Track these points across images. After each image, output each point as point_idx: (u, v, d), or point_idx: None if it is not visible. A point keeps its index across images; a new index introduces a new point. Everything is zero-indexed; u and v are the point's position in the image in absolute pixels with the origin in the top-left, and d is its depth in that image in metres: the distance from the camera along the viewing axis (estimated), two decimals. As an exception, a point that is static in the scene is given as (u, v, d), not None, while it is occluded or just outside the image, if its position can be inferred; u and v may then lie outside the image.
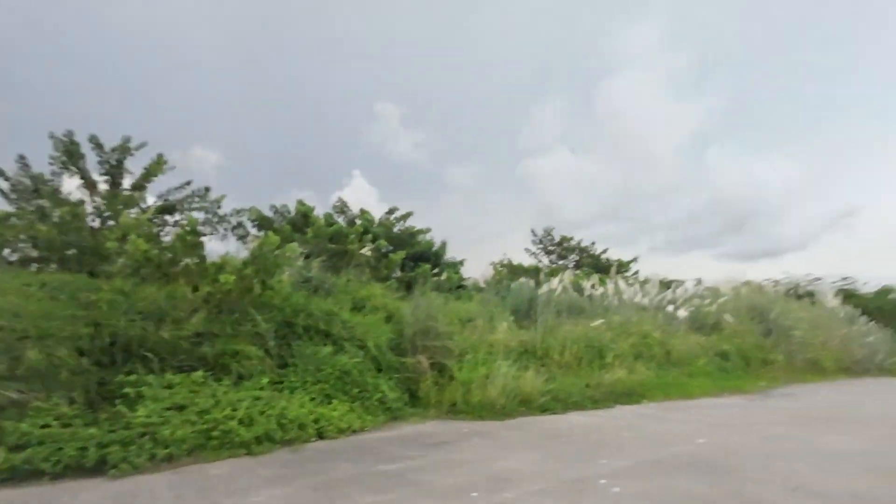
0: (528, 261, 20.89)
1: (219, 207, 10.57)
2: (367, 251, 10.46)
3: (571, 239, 21.35)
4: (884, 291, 23.26)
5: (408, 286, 11.69)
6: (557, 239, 21.50)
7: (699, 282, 18.29)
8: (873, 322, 19.07)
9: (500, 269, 19.00)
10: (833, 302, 18.73)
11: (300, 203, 13.10)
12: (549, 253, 21.62)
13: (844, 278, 22.97)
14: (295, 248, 7.43)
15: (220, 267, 6.69)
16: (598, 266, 19.54)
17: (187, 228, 8.12)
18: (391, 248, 14.02)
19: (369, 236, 12.54)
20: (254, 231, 11.88)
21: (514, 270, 18.31)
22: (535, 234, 21.89)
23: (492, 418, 7.26)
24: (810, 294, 19.77)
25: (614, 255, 21.39)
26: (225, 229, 11.10)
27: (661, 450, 5.47)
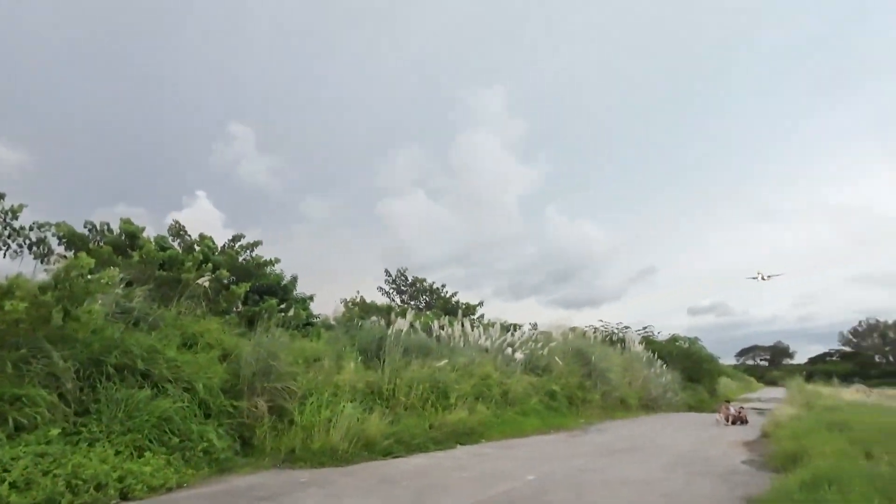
0: (381, 300, 20.93)
1: (14, 218, 8.81)
2: (204, 281, 9.49)
3: (424, 280, 21.99)
4: (673, 339, 28.02)
5: (250, 322, 10.83)
6: (410, 280, 21.98)
7: (535, 326, 20.09)
8: (666, 365, 22.76)
9: (352, 307, 18.70)
10: (637, 347, 21.96)
11: (125, 222, 11.49)
12: (401, 293, 21.94)
13: (645, 327, 27.25)
14: (114, 273, 6.43)
15: (7, 291, 5.49)
16: (447, 308, 20.34)
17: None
18: (234, 279, 12.95)
19: (209, 265, 11.43)
20: (60, 250, 10.03)
21: (366, 309, 18.14)
22: (388, 274, 22.12)
23: (332, 465, 6.93)
24: (622, 340, 22.95)
25: (462, 298, 22.54)
26: (20, 245, 9.23)
27: (489, 489, 5.72)
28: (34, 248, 9.46)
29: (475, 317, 20.70)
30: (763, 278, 53.60)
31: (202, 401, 6.62)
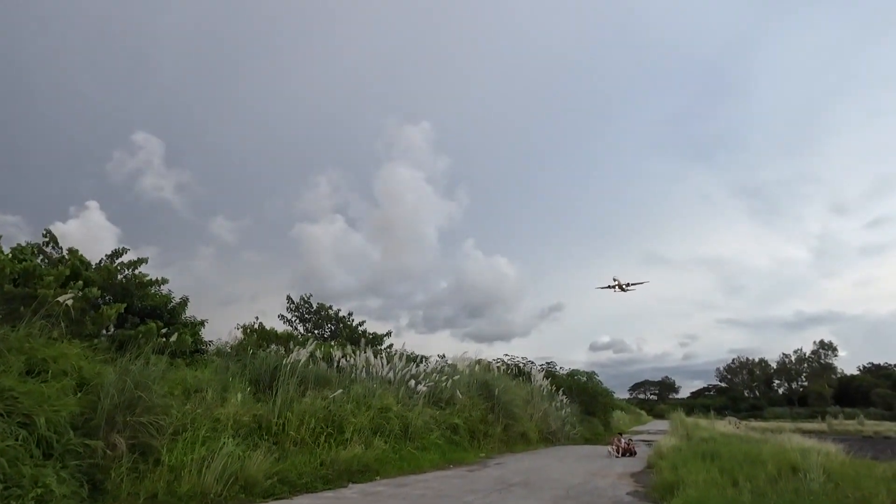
0: (282, 327, 19.79)
1: None
2: (66, 299, 8.30)
3: (329, 308, 21.18)
4: (573, 373, 29.26)
5: (121, 347, 9.63)
6: (315, 307, 21.06)
7: (443, 358, 19.99)
8: (565, 398, 23.57)
9: (250, 333, 17.47)
10: (540, 381, 22.56)
11: (-24, 227, 9.91)
12: (304, 321, 20.92)
13: (549, 361, 28.22)
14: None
15: None
16: (353, 337, 19.67)
17: None
18: (109, 298, 11.57)
19: (79, 282, 10.10)
20: None
21: (265, 336, 17.02)
22: (290, 301, 21.04)
23: (200, 511, 6.17)
24: (526, 374, 23.48)
25: (372, 328, 21.98)
26: None
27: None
28: None
29: (382, 347, 20.19)
30: (622, 288, 58.77)
31: (43, 438, 5.63)
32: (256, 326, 17.57)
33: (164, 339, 10.94)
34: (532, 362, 25.30)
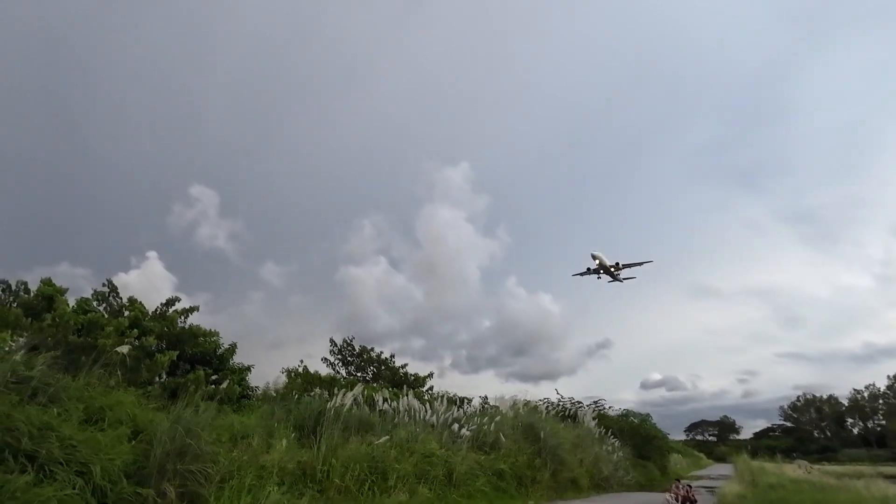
0: (326, 371, 19.95)
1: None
2: (123, 348, 8.69)
3: (372, 350, 21.24)
4: (625, 415, 27.82)
5: (174, 394, 9.94)
6: (357, 349, 21.18)
7: (486, 400, 19.53)
8: (617, 441, 22.40)
9: (295, 378, 17.69)
10: (590, 423, 21.60)
11: (45, 283, 10.63)
12: (347, 364, 21.02)
13: (597, 401, 27.00)
14: (4, 336, 5.76)
15: None
16: (396, 380, 19.58)
17: None
18: (162, 346, 12.03)
19: (135, 332, 10.59)
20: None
21: (310, 381, 17.20)
22: (333, 344, 21.26)
23: (246, 562, 6.12)
24: (573, 415, 22.55)
25: (414, 369, 21.78)
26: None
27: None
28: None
29: (424, 388, 19.96)
30: (612, 274, 53.70)
31: (98, 487, 5.79)
32: (301, 370, 17.80)
33: (213, 387, 11.24)
34: (580, 403, 24.33)
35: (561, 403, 23.41)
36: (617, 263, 57.00)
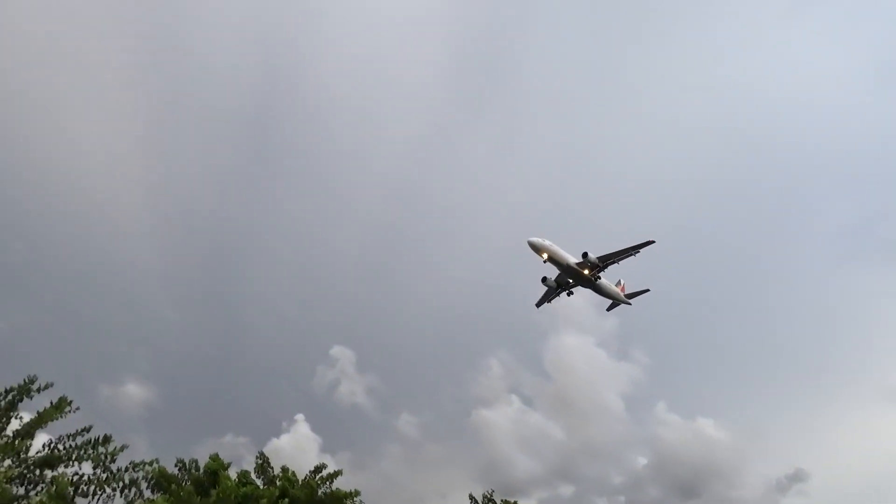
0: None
1: (113, 460, 9.28)
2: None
3: (515, 503, 19.43)
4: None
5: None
6: (499, 503, 19.49)
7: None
8: None
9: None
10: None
11: (212, 459, 11.69)
12: (491, 523, 19.26)
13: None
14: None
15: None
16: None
17: (52, 492, 6.98)
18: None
19: (286, 500, 10.92)
20: (149, 493, 10.15)
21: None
22: (474, 500, 19.88)
23: None
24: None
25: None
26: (113, 489, 9.49)
27: None
28: (125, 492, 9.66)
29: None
30: (590, 272, 34.96)
31: None
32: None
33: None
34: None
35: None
36: (585, 255, 41.12)
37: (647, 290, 55.53)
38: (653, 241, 42.99)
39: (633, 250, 42.42)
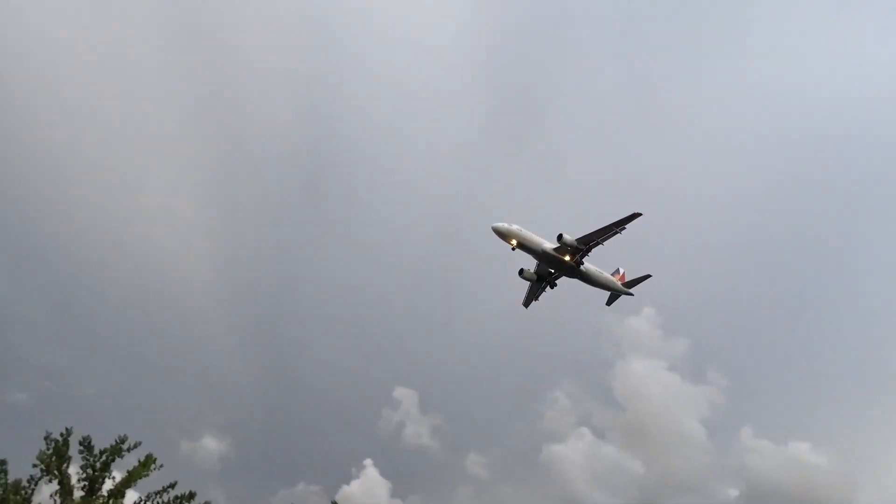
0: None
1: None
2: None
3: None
4: None
5: None
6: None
7: None
8: None
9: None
10: None
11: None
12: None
13: None
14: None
15: None
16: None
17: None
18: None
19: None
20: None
21: None
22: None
23: None
24: None
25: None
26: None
27: None
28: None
29: None
30: (574, 253, 31.98)
31: None
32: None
33: None
34: None
35: None
36: (560, 237, 37.33)
37: (649, 276, 50.38)
38: (639, 214, 40.33)
39: (616, 227, 38.93)
